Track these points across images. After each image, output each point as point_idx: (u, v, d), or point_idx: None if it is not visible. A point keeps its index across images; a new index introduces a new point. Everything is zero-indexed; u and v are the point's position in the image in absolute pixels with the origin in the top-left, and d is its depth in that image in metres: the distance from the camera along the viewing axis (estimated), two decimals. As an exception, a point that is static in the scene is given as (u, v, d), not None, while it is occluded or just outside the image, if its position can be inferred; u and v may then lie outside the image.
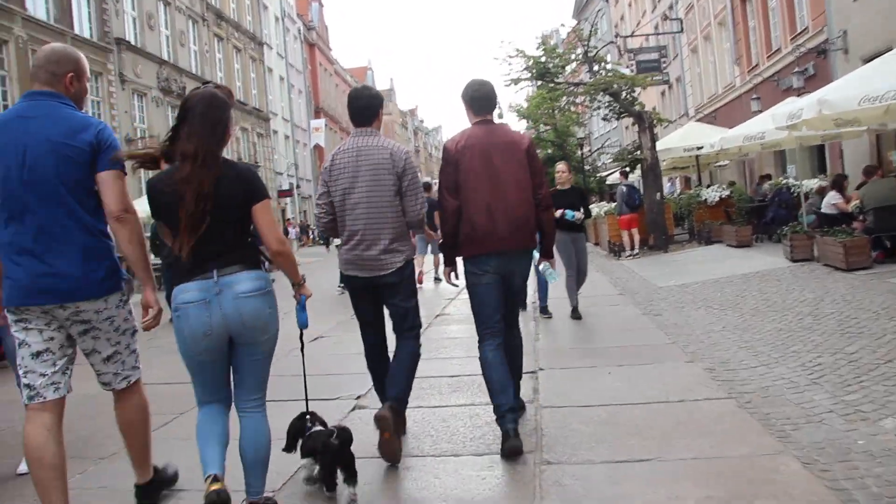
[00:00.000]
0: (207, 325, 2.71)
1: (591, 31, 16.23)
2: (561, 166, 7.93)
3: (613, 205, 18.42)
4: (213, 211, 2.67)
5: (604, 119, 18.03)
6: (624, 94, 15.81)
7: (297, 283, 3.02)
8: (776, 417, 3.90)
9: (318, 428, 3.28)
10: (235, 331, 2.75)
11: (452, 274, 4.08)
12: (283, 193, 39.72)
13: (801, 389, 4.39)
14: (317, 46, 51.79)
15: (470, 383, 5.10)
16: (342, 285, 10.91)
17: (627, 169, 15.29)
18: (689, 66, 29.17)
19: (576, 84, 17.33)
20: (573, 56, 16.64)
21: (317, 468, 3.24)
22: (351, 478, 3.14)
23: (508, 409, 3.64)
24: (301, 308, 3.07)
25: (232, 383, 2.93)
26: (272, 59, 41.67)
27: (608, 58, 17.62)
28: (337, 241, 4.88)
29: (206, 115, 2.76)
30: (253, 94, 37.94)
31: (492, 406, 3.74)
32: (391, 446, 3.53)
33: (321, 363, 5.95)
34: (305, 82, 48.59)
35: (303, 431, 3.29)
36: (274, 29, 42.88)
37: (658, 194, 15.46)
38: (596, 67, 16.10)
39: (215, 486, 2.64)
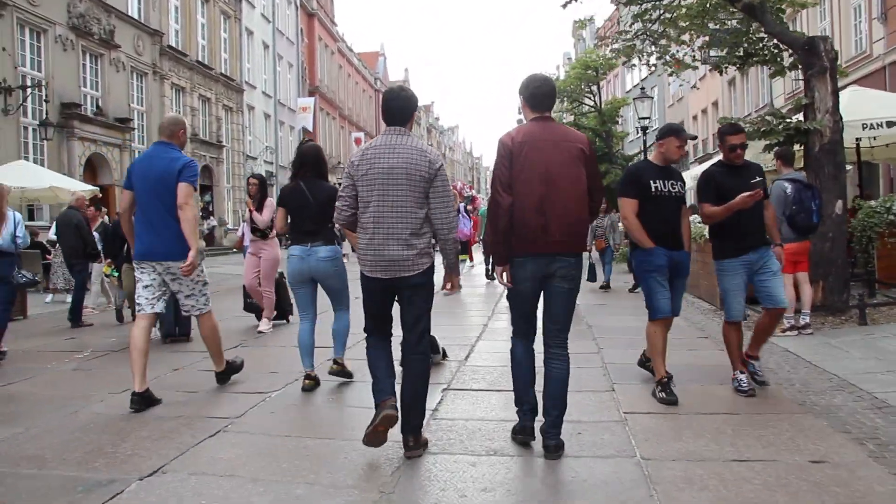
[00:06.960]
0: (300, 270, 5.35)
1: None
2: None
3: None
4: (314, 209, 5.30)
5: (714, 69, 10.41)
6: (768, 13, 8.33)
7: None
8: None
9: None
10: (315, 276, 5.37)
11: (505, 274, 3.78)
12: (253, 182, 31.62)
13: None
14: (317, 17, 44.47)
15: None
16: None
17: (785, 147, 7.58)
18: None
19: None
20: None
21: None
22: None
23: (530, 408, 3.83)
24: None
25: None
26: (254, 19, 34.40)
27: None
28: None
29: (316, 161, 5.52)
30: (223, 59, 30.69)
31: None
32: (380, 438, 3.62)
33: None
34: (299, 56, 41.21)
35: None
36: (260, -15, 35.63)
37: (839, 203, 7.86)
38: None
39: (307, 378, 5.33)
